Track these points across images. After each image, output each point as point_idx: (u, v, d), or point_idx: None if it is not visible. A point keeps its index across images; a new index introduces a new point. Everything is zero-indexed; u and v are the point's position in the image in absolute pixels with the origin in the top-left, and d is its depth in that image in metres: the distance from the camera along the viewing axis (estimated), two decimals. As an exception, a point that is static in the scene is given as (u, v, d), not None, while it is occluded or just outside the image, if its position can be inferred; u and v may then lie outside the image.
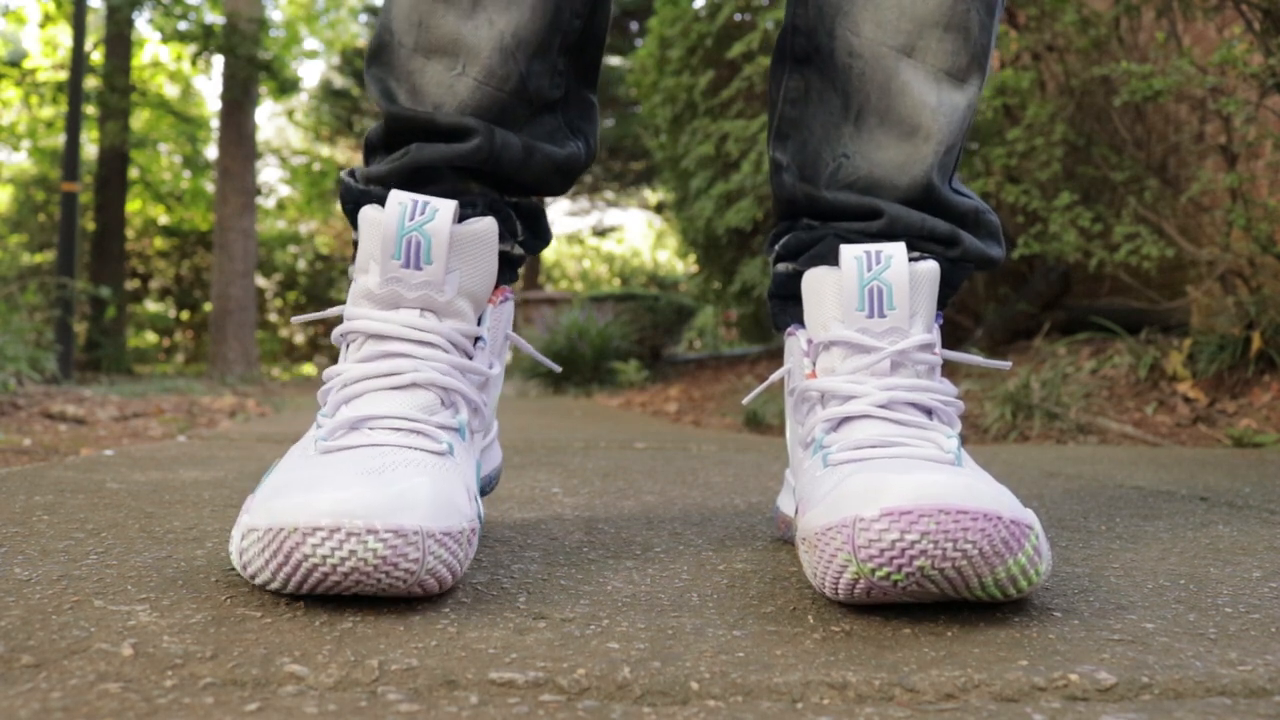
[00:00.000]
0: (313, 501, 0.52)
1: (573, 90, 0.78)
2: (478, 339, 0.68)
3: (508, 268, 0.75)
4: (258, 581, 0.54)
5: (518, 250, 0.75)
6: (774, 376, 0.80)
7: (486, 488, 0.76)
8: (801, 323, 0.76)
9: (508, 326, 0.73)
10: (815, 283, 0.71)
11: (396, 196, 0.64)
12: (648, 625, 0.53)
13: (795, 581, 0.65)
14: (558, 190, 0.78)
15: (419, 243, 0.64)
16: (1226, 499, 1.13)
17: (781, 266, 0.79)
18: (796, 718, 0.41)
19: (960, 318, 3.92)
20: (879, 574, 0.53)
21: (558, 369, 0.82)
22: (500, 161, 0.72)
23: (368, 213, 0.65)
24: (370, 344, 0.65)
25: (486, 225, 0.67)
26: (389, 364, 0.64)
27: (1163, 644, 0.51)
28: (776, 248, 0.80)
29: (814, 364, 0.71)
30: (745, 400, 0.87)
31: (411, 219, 0.63)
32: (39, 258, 11.67)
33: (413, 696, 0.42)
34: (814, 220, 0.78)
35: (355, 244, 0.72)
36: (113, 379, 6.76)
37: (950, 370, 3.31)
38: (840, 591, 0.55)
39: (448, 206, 0.64)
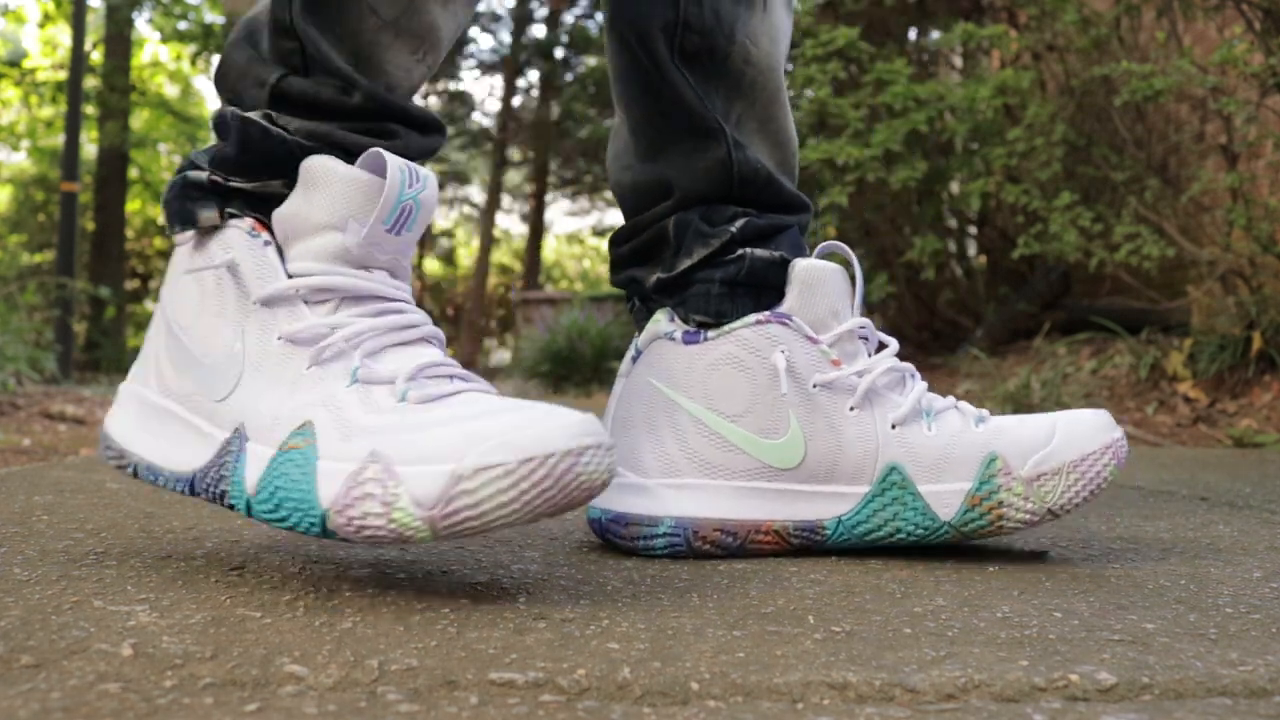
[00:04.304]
0: (556, 427, 0.54)
1: None
2: None
3: None
4: (490, 516, 0.53)
5: None
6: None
7: None
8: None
9: None
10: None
11: (394, 161, 0.61)
12: (648, 625, 0.53)
13: (795, 581, 0.65)
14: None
15: (411, 210, 0.62)
16: (1226, 499, 1.13)
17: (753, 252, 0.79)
18: (796, 718, 0.41)
19: (960, 318, 3.92)
20: None
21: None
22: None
23: (353, 171, 0.62)
24: (352, 303, 0.62)
25: (435, 188, 0.65)
26: (399, 319, 0.62)
27: (1163, 644, 0.51)
28: (733, 231, 0.78)
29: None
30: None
31: (410, 186, 0.62)
32: (39, 258, 11.67)
33: (413, 696, 0.42)
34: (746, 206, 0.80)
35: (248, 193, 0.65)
36: (113, 379, 6.75)
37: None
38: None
39: (433, 177, 0.64)
